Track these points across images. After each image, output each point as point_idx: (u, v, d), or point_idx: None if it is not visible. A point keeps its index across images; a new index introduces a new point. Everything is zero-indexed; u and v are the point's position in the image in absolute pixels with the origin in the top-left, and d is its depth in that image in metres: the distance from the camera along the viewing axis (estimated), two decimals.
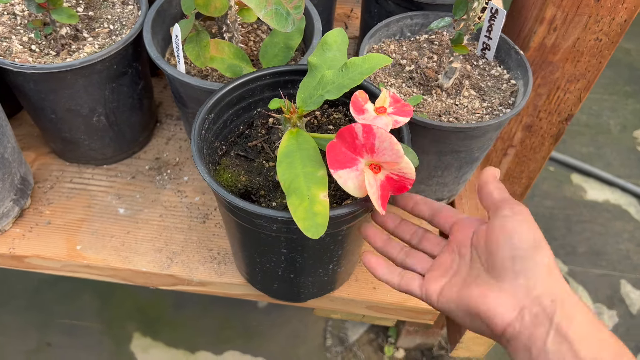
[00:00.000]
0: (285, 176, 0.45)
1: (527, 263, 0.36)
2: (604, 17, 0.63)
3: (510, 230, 0.38)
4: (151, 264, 0.66)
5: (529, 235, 0.37)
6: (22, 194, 0.68)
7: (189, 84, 0.58)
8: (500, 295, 0.36)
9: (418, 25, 0.69)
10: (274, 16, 0.51)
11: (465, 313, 0.39)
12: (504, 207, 0.40)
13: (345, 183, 0.42)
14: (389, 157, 0.41)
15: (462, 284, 0.40)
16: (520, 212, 0.39)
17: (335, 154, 0.42)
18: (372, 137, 0.40)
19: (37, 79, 0.61)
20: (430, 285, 0.42)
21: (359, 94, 0.45)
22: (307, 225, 0.42)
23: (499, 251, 0.38)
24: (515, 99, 0.62)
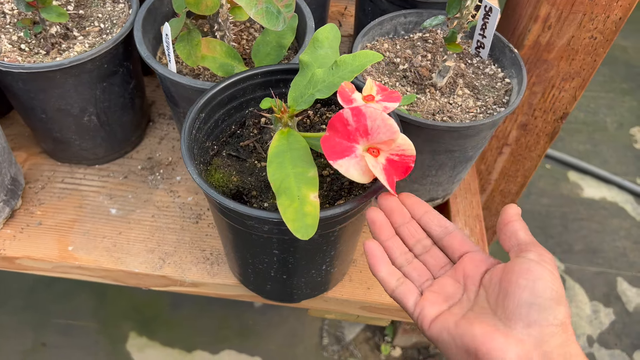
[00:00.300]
0: (275, 176, 0.44)
1: (544, 314, 0.34)
2: (598, 15, 0.62)
3: (534, 275, 0.35)
4: (143, 264, 0.66)
5: (553, 286, 0.35)
6: (12, 194, 0.67)
7: (180, 83, 0.58)
8: (507, 340, 0.34)
9: (412, 24, 0.68)
10: (265, 15, 0.50)
11: (461, 348, 0.36)
12: (530, 250, 0.37)
13: (347, 171, 0.41)
14: (384, 134, 0.40)
15: (462, 317, 0.37)
16: (548, 260, 0.36)
17: (331, 145, 0.41)
18: (363, 119, 0.40)
19: (26, 78, 0.60)
20: (427, 308, 0.39)
21: (346, 85, 0.45)
22: (297, 226, 0.42)
23: (517, 294, 0.35)
24: (510, 98, 0.62)
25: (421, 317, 0.39)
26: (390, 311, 0.66)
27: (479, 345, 0.34)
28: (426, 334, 0.39)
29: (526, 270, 0.35)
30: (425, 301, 0.40)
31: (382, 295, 0.65)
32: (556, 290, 0.35)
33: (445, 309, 0.39)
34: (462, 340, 0.35)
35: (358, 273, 0.67)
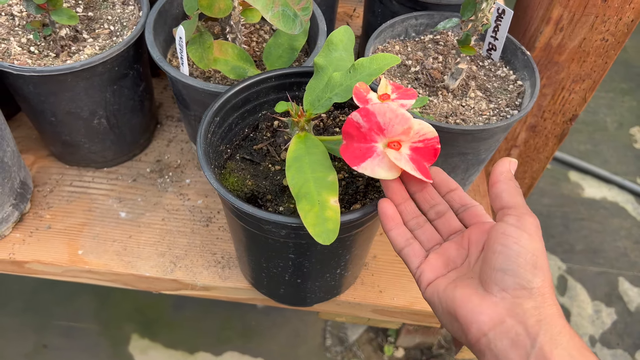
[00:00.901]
0: (294, 181, 0.44)
1: (518, 279, 0.34)
2: (610, 17, 0.62)
3: (510, 240, 0.35)
4: (154, 268, 0.66)
5: (529, 250, 0.34)
6: (21, 198, 0.67)
7: (192, 86, 0.57)
8: (481, 303, 0.35)
9: (423, 26, 0.68)
10: (281, 18, 0.50)
11: (446, 311, 0.37)
12: (511, 214, 0.37)
13: (374, 171, 0.41)
14: (399, 125, 0.40)
15: (452, 281, 0.38)
16: (528, 225, 0.36)
17: (351, 152, 0.41)
18: (373, 117, 0.39)
19: (37, 81, 0.59)
20: (426, 272, 0.40)
21: (360, 85, 0.44)
22: (318, 231, 0.41)
23: (493, 260, 0.35)
24: (522, 100, 0.62)
25: (420, 280, 0.40)
26: (403, 314, 0.66)
27: (457, 308, 0.36)
28: (423, 296, 0.40)
29: (502, 236, 0.36)
30: (426, 265, 0.40)
31: (393, 298, 0.65)
32: (532, 255, 0.34)
33: (442, 274, 0.40)
34: (446, 304, 0.37)
35: (370, 276, 0.67)
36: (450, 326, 0.37)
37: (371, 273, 0.67)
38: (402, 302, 0.65)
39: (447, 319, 0.37)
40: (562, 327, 0.33)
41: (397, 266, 0.68)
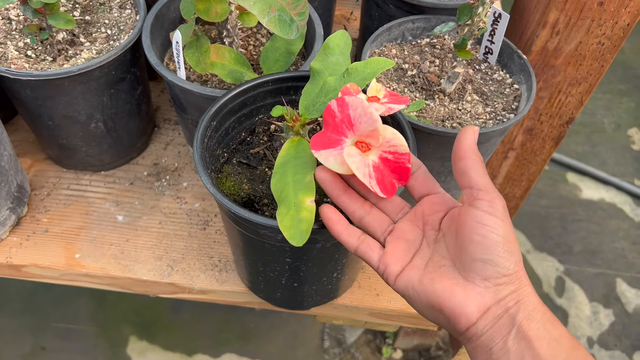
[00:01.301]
0: (277, 186, 0.44)
1: (498, 268, 0.35)
2: (606, 21, 0.63)
3: (486, 230, 0.36)
4: (151, 272, 0.66)
5: (505, 238, 0.36)
6: (18, 202, 0.67)
7: (189, 90, 0.58)
8: (467, 295, 0.36)
9: (420, 29, 0.68)
10: (278, 23, 0.50)
11: (426, 304, 0.38)
12: (482, 198, 0.37)
13: (326, 160, 0.40)
14: (366, 124, 0.39)
15: (424, 271, 0.39)
16: (499, 208, 0.37)
17: (320, 139, 0.40)
18: (346, 108, 0.39)
19: (35, 85, 0.60)
20: (390, 265, 0.40)
21: (351, 86, 0.44)
22: (292, 233, 0.41)
23: (472, 250, 0.36)
24: (519, 104, 0.62)
25: (386, 274, 0.40)
26: (400, 317, 0.66)
27: (442, 302, 0.36)
28: (393, 288, 0.40)
29: (478, 225, 0.36)
30: (388, 257, 0.40)
31: (391, 301, 0.65)
32: (508, 240, 0.36)
33: (407, 262, 0.40)
34: (427, 297, 0.37)
35: (367, 279, 0.67)
36: (433, 317, 0.38)
37: (368, 276, 0.67)
38: (399, 305, 0.65)
39: (428, 311, 0.38)
40: (536, 304, 0.35)
41: None
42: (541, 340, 0.34)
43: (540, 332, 0.34)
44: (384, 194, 0.40)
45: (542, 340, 0.34)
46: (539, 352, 0.33)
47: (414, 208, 0.43)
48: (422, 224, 0.41)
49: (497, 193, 0.38)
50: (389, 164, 0.41)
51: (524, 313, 0.35)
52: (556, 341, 0.34)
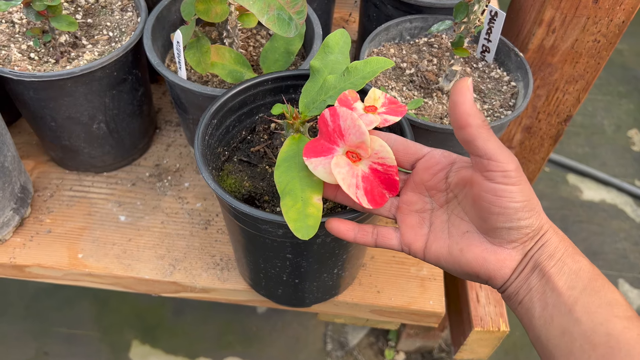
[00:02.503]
0: (281, 179, 0.44)
1: (523, 231, 0.37)
2: (602, 19, 0.63)
3: (505, 202, 0.36)
4: (153, 271, 0.66)
5: (524, 201, 0.36)
6: (22, 202, 0.67)
7: (190, 90, 0.58)
8: (499, 259, 0.38)
9: (417, 29, 0.69)
10: (277, 21, 0.51)
11: (461, 272, 0.40)
12: (493, 169, 0.36)
13: (315, 168, 0.40)
14: (354, 136, 0.39)
15: (449, 240, 0.40)
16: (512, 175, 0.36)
17: (313, 146, 0.41)
18: (337, 119, 0.39)
19: (37, 87, 0.60)
20: (413, 244, 0.41)
21: (349, 93, 0.45)
22: (298, 226, 0.41)
23: (493, 220, 0.37)
24: (516, 101, 0.63)
25: (412, 253, 0.42)
26: (401, 314, 0.67)
27: (477, 270, 0.38)
28: (424, 260, 0.42)
29: (495, 198, 0.36)
30: (405, 237, 0.41)
31: (392, 298, 0.66)
32: (527, 202, 0.36)
33: (426, 232, 0.41)
34: (460, 266, 0.39)
35: (368, 277, 0.67)
36: (469, 279, 0.40)
37: (369, 273, 0.67)
38: (400, 302, 0.65)
39: (464, 276, 0.40)
40: (557, 243, 0.37)
41: (395, 266, 0.68)
42: (560, 274, 0.36)
43: (559, 267, 0.36)
44: (371, 204, 0.40)
45: (560, 275, 0.36)
46: (557, 285, 0.36)
47: (411, 177, 0.42)
48: (426, 189, 0.42)
49: (507, 156, 0.36)
50: (378, 175, 0.41)
51: (546, 254, 0.37)
52: (575, 273, 0.36)
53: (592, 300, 0.35)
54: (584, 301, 0.35)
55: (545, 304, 0.36)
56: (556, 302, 0.36)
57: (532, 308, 0.37)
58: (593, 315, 0.34)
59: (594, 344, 0.34)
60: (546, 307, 0.36)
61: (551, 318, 0.36)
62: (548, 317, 0.36)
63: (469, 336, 0.69)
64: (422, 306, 0.65)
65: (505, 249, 0.38)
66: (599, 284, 0.36)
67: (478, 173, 0.37)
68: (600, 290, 0.35)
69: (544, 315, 0.36)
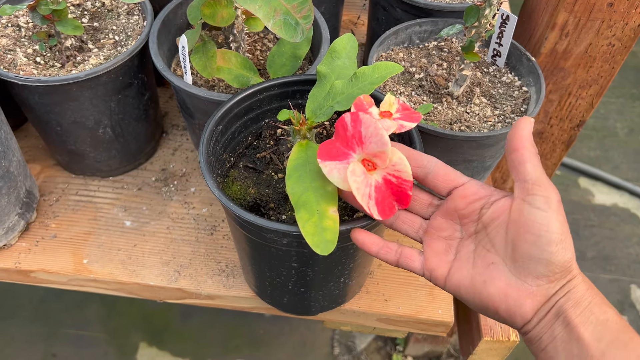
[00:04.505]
0: (294, 190, 0.43)
1: (551, 267, 0.35)
2: (617, 22, 0.62)
3: (542, 230, 0.35)
4: (159, 277, 0.65)
5: (558, 234, 0.35)
6: (27, 207, 0.67)
7: (196, 95, 0.58)
8: (521, 296, 0.37)
9: (427, 33, 0.68)
10: (283, 26, 0.50)
11: (480, 305, 0.39)
12: (536, 193, 0.36)
13: (330, 172, 0.40)
14: (375, 145, 0.39)
15: (473, 270, 0.39)
16: (554, 202, 0.36)
17: (328, 148, 0.40)
18: (359, 125, 0.39)
19: (43, 91, 0.60)
20: (435, 270, 0.41)
21: (364, 98, 0.44)
22: (316, 240, 0.41)
23: (524, 249, 0.36)
24: (528, 106, 0.61)
25: (433, 279, 0.41)
26: (408, 323, 0.66)
27: (497, 305, 0.37)
28: (444, 289, 0.41)
29: (532, 224, 0.36)
30: (429, 263, 0.41)
31: (399, 307, 0.65)
32: (561, 235, 0.35)
33: (451, 261, 0.40)
34: (480, 299, 0.38)
35: (375, 285, 0.66)
36: (488, 314, 0.39)
37: (376, 281, 0.66)
38: (408, 311, 0.64)
39: (483, 311, 0.39)
40: (584, 291, 0.36)
41: (403, 274, 0.67)
42: (586, 325, 0.35)
43: (586, 317, 0.35)
44: (380, 215, 0.40)
45: (587, 325, 0.35)
46: (583, 335, 0.34)
47: (445, 203, 0.42)
48: (458, 217, 0.41)
49: (552, 186, 0.37)
50: (391, 186, 0.40)
51: (572, 302, 0.35)
52: (602, 324, 0.35)
53: (620, 354, 0.34)
54: (611, 354, 0.34)
55: (570, 355, 0.35)
56: (581, 353, 0.34)
57: (556, 357, 0.36)
58: None
59: None
60: (572, 358, 0.35)
61: None
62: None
63: (478, 346, 0.67)
64: (431, 315, 0.64)
65: (529, 286, 0.36)
66: (628, 337, 0.34)
67: (519, 199, 0.37)
68: (629, 344, 0.34)
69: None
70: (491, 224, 0.39)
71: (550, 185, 0.37)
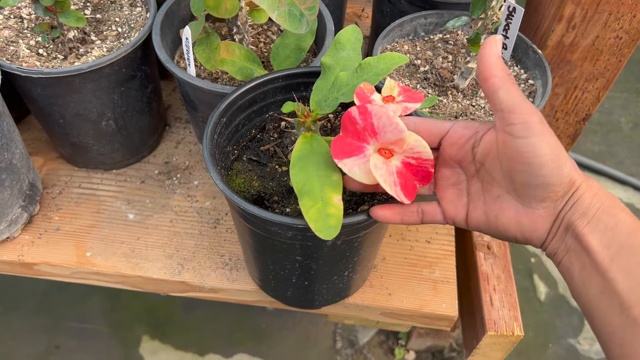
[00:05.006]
0: (298, 178, 0.43)
1: (550, 188, 0.35)
2: (624, 15, 0.61)
3: (529, 158, 0.35)
4: (162, 270, 0.65)
5: (548, 154, 0.35)
6: (30, 200, 0.67)
7: (199, 87, 0.57)
8: (532, 221, 0.37)
9: (432, 25, 0.67)
10: (287, 17, 0.50)
11: (500, 235, 0.40)
12: (513, 122, 0.35)
13: (351, 170, 0.39)
14: (391, 134, 0.38)
15: (484, 207, 0.40)
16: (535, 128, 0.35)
17: (340, 145, 0.40)
18: (369, 117, 0.38)
19: (45, 83, 0.60)
20: (456, 217, 0.41)
21: (365, 86, 0.44)
22: (319, 226, 0.41)
23: (519, 179, 0.36)
24: (534, 100, 0.61)
25: (457, 224, 0.42)
26: (412, 317, 0.65)
27: (513, 233, 0.38)
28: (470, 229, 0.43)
29: (518, 154, 0.35)
30: (448, 212, 0.42)
31: (403, 301, 0.64)
32: (552, 156, 0.35)
33: (466, 203, 0.41)
34: (498, 231, 0.39)
35: (379, 279, 0.66)
36: (512, 240, 0.40)
37: (380, 275, 0.66)
38: (412, 305, 0.64)
39: (505, 238, 0.40)
40: (591, 199, 0.35)
41: (407, 268, 0.67)
42: (593, 233, 0.35)
43: (594, 225, 0.35)
44: (408, 199, 0.40)
45: (594, 234, 0.35)
46: (591, 244, 0.35)
47: (440, 155, 0.42)
48: (456, 162, 0.41)
49: (529, 108, 0.35)
50: (411, 168, 0.41)
51: (579, 213, 0.35)
52: (611, 230, 0.34)
53: (631, 258, 0.33)
54: (621, 260, 0.33)
55: (582, 265, 0.35)
56: (592, 262, 0.34)
57: (571, 268, 0.36)
58: (631, 275, 0.33)
59: (632, 304, 0.33)
60: (584, 267, 0.35)
61: (589, 278, 0.35)
62: (586, 278, 0.35)
63: (482, 340, 0.67)
64: (434, 309, 0.64)
65: (536, 210, 0.37)
66: (639, 239, 0.34)
67: (501, 130, 0.37)
68: (639, 247, 0.34)
69: (582, 275, 0.35)
70: (486, 160, 0.39)
71: (527, 107, 0.35)
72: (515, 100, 0.36)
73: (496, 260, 0.71)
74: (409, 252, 0.68)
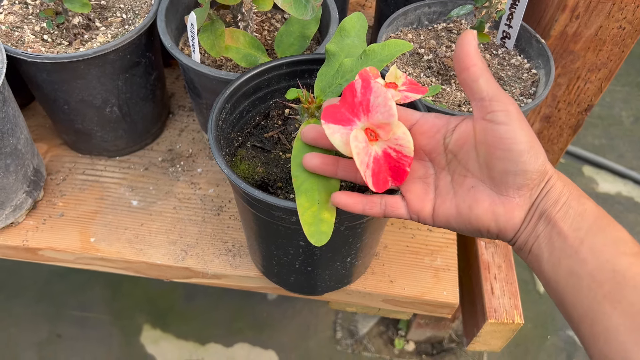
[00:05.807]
0: (297, 173, 0.43)
1: (528, 175, 0.36)
2: (628, 5, 0.61)
3: (509, 144, 0.36)
4: (166, 256, 0.66)
5: (526, 144, 0.36)
6: (35, 185, 0.67)
7: (204, 74, 0.57)
8: (509, 210, 0.37)
9: (436, 14, 0.68)
10: (293, 3, 0.50)
11: (472, 229, 0.39)
12: (495, 109, 0.36)
13: (332, 135, 0.39)
14: (382, 115, 0.38)
15: (456, 199, 0.39)
16: (514, 116, 0.36)
17: (332, 111, 0.39)
18: (369, 92, 0.38)
19: (50, 69, 0.60)
20: (420, 211, 0.41)
21: (370, 70, 0.43)
22: (312, 230, 0.42)
23: (498, 166, 0.37)
24: (537, 89, 0.61)
25: (422, 219, 0.41)
26: (414, 304, 0.66)
27: (488, 224, 0.38)
28: (435, 226, 0.41)
29: (498, 140, 0.36)
30: (412, 205, 0.41)
31: (405, 288, 0.65)
32: (529, 145, 0.36)
33: (433, 197, 0.41)
34: (470, 224, 0.39)
35: (381, 266, 0.66)
36: (479, 235, 0.40)
37: (382, 263, 0.67)
38: (413, 292, 0.65)
39: (476, 233, 0.40)
40: (562, 188, 0.37)
41: (408, 256, 0.67)
42: (565, 218, 0.36)
43: (564, 211, 0.36)
44: (375, 187, 0.40)
45: (566, 218, 0.36)
46: (563, 228, 0.36)
47: None
48: (425, 154, 0.41)
49: (508, 98, 0.37)
50: (389, 160, 0.40)
51: (552, 200, 0.36)
52: (580, 215, 0.36)
53: (598, 239, 0.35)
54: (589, 241, 0.35)
55: (552, 249, 0.36)
56: (562, 245, 0.36)
57: (540, 254, 0.37)
58: (599, 253, 0.34)
59: (600, 281, 0.34)
60: (553, 251, 0.36)
61: (558, 261, 0.36)
62: (555, 261, 0.36)
63: (483, 328, 0.68)
64: (436, 297, 0.64)
65: (512, 198, 0.37)
66: (605, 223, 0.36)
67: (480, 119, 0.37)
68: (605, 229, 0.35)
69: (552, 259, 0.36)
70: (460, 151, 0.39)
71: (507, 97, 0.37)
72: (495, 89, 0.36)
73: (497, 249, 0.71)
74: (411, 240, 0.69)
